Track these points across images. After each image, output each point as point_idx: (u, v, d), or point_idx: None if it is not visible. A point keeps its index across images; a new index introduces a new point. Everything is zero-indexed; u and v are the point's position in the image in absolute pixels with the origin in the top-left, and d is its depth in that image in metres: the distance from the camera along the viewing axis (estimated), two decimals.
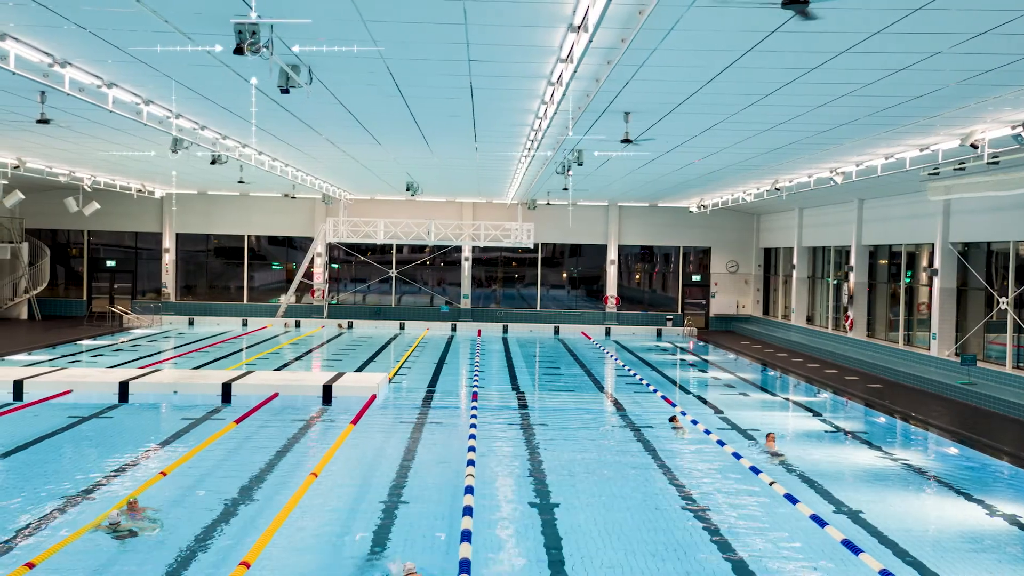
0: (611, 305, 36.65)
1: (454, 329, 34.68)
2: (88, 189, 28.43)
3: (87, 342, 27.14)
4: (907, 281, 25.11)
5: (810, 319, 31.78)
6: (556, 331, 34.62)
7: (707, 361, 27.00)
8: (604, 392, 20.57)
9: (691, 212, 35.23)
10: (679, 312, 37.16)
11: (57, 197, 29.96)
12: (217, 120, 16.28)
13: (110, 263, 36.95)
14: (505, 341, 31.18)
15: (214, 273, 38.02)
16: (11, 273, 33.16)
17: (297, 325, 34.49)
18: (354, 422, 14.80)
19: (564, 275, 38.77)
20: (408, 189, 28.24)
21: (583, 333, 34.18)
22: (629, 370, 23.61)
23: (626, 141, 14.84)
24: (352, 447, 13.43)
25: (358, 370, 22.21)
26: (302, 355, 26.65)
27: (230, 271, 37.60)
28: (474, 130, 16.81)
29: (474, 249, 37.16)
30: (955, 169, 17.03)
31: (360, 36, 9.76)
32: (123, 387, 16.87)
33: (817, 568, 8.70)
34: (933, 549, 9.40)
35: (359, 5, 8.61)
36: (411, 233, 34.35)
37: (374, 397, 17.05)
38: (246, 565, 7.95)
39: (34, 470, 11.85)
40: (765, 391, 21.12)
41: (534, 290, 37.56)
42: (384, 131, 17.40)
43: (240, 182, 27.55)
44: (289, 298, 35.43)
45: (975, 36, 8.99)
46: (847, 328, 27.26)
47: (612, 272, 36.98)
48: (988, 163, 15.10)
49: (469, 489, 10.68)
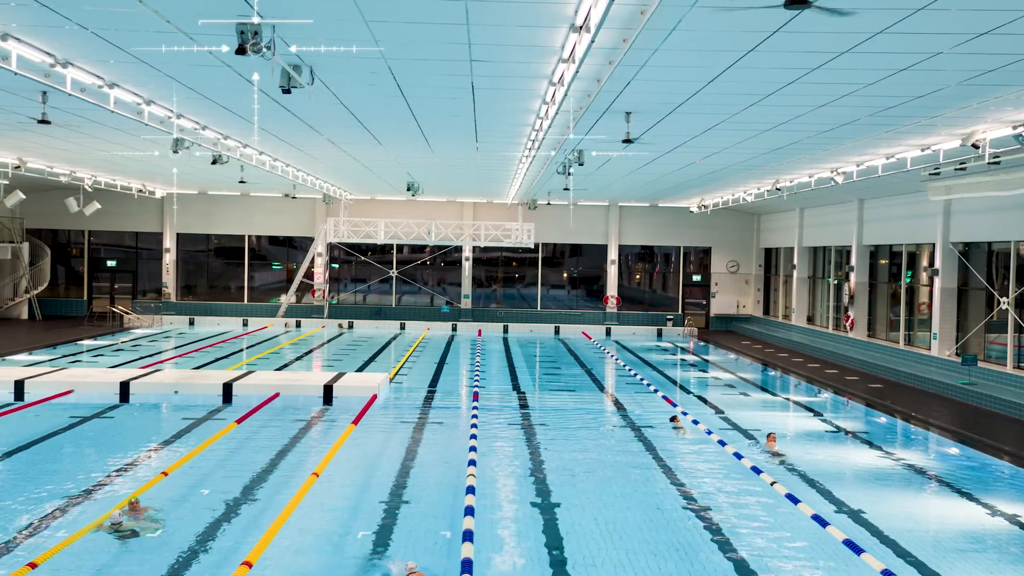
0: (611, 305, 36.65)
1: (455, 329, 34.68)
2: (89, 189, 28.44)
3: (88, 342, 27.15)
4: (908, 281, 25.12)
5: (811, 319, 31.78)
6: (556, 331, 34.62)
7: (707, 361, 27.00)
8: (605, 392, 20.58)
9: (691, 212, 35.24)
10: (679, 312, 37.15)
11: (58, 197, 29.97)
12: (218, 120, 16.29)
13: (111, 263, 36.96)
14: (506, 341, 31.18)
15: (214, 273, 38.02)
16: (12, 273, 33.17)
17: (298, 325, 34.50)
18: (355, 422, 14.80)
19: (564, 275, 38.76)
20: (409, 189, 28.27)
21: (583, 333, 34.18)
22: (630, 370, 23.61)
23: (627, 141, 14.85)
24: (353, 447, 13.43)
25: (359, 370, 22.21)
26: (303, 355, 26.66)
27: (230, 271, 37.61)
28: (475, 130, 16.82)
29: (474, 249, 37.17)
30: (956, 169, 17.04)
31: (362, 36, 9.77)
32: (124, 387, 16.88)
33: (819, 568, 8.70)
34: (934, 549, 9.41)
35: (361, 5, 8.62)
36: (412, 233, 34.35)
37: (375, 397, 17.05)
38: (248, 565, 7.96)
39: (35, 470, 11.85)
40: (766, 391, 21.12)
41: (534, 290, 37.56)
42: (385, 131, 17.41)
43: (241, 182, 27.57)
44: (289, 298, 35.43)
45: (977, 36, 9.00)
46: (848, 328, 27.26)
47: (612, 272, 36.98)
48: (989, 163, 15.10)
49: (471, 489, 10.69)
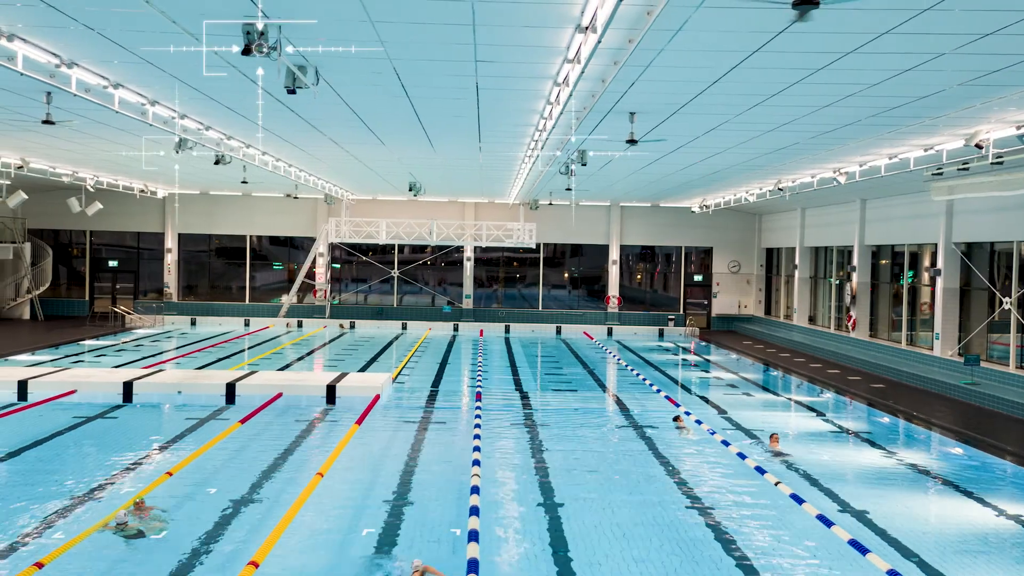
0: (613, 305, 36.66)
1: (456, 329, 34.69)
2: (91, 189, 28.44)
3: (90, 342, 27.16)
4: (910, 281, 25.13)
5: (812, 319, 31.78)
6: (558, 331, 34.63)
7: (709, 361, 27.01)
8: (607, 392, 20.59)
9: (693, 212, 35.25)
10: (681, 312, 37.16)
11: (60, 197, 29.97)
12: (222, 120, 16.30)
13: (112, 263, 36.98)
14: (507, 341, 31.19)
15: (216, 273, 38.04)
16: (14, 273, 33.18)
17: (299, 325, 34.50)
18: (359, 422, 14.81)
19: (566, 275, 38.77)
20: (411, 189, 28.27)
21: (585, 333, 34.19)
22: (632, 370, 23.62)
23: (631, 142, 14.85)
24: (357, 447, 13.44)
25: (361, 370, 22.22)
26: (304, 355, 26.67)
27: (232, 271, 37.62)
28: (479, 130, 16.83)
29: (476, 249, 37.18)
30: (959, 169, 17.04)
31: (367, 36, 9.78)
32: (127, 387, 16.89)
33: (824, 568, 8.71)
34: (939, 549, 9.42)
35: (367, 5, 8.63)
36: (413, 233, 34.36)
37: (378, 397, 17.06)
38: (255, 565, 7.96)
39: (40, 470, 11.87)
40: (768, 391, 21.13)
41: (536, 290, 37.57)
42: (388, 131, 17.42)
43: (243, 182, 27.57)
44: (291, 298, 35.44)
45: (981, 37, 9.01)
46: (850, 328, 27.27)
47: (614, 272, 36.99)
48: (992, 163, 15.12)
49: (475, 489, 10.69)
